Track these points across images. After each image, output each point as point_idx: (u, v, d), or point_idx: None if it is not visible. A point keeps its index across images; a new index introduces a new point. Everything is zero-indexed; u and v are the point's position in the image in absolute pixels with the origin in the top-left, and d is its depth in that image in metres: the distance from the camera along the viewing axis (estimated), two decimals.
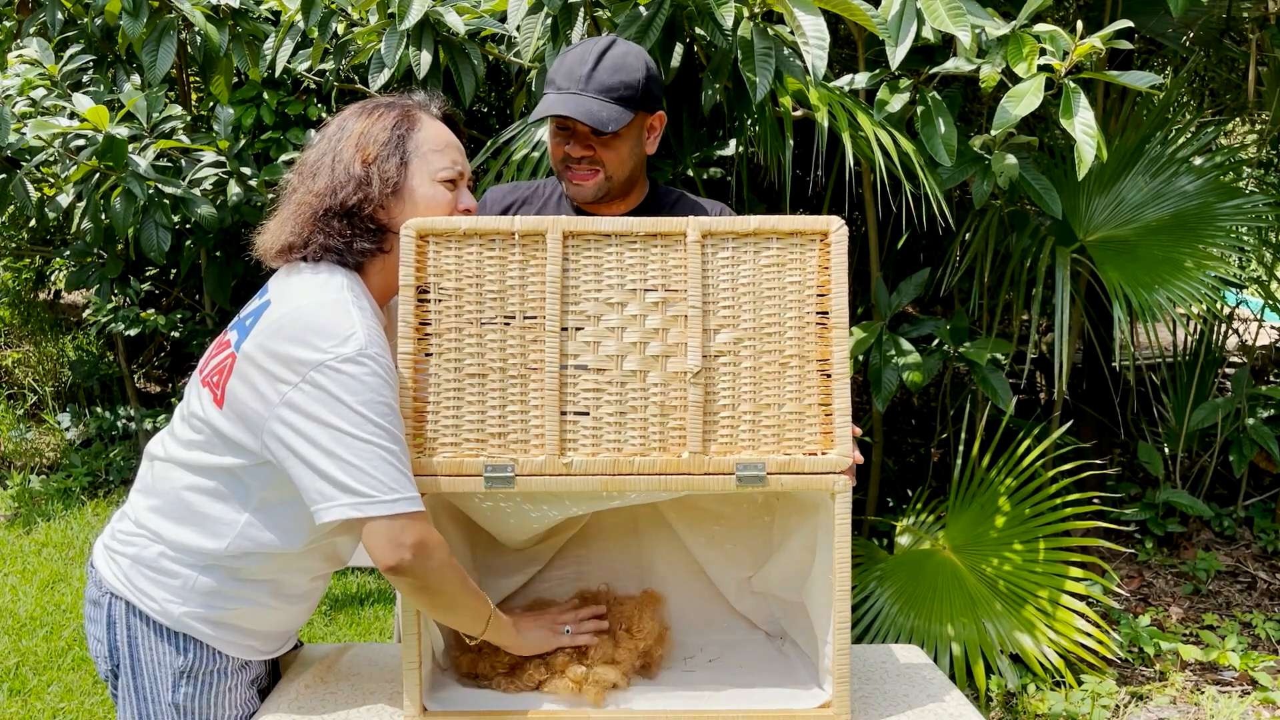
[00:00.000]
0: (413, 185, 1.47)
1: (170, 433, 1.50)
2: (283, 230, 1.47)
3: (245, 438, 1.39)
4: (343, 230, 1.44)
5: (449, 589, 1.40)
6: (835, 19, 2.69)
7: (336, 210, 1.44)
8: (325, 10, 2.82)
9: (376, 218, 1.46)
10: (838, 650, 1.44)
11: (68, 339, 5.64)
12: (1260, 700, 2.88)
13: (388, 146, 1.46)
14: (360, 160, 1.45)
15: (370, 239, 1.45)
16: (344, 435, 1.31)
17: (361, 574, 3.77)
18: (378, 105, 1.51)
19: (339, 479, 1.31)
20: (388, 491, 1.32)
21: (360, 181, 1.44)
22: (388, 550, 1.33)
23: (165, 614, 1.45)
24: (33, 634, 3.22)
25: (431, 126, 1.51)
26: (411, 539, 1.33)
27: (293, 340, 1.34)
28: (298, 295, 1.39)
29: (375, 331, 1.38)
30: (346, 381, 1.32)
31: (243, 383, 1.38)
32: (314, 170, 1.48)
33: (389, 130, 1.47)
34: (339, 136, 1.49)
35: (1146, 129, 3.24)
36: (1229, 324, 4.10)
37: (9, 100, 3.10)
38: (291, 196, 1.50)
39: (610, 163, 1.81)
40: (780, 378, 1.44)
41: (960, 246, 3.31)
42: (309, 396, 1.32)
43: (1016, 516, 2.95)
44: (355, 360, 1.32)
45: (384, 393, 1.34)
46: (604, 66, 1.77)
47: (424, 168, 1.48)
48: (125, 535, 1.49)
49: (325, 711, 1.51)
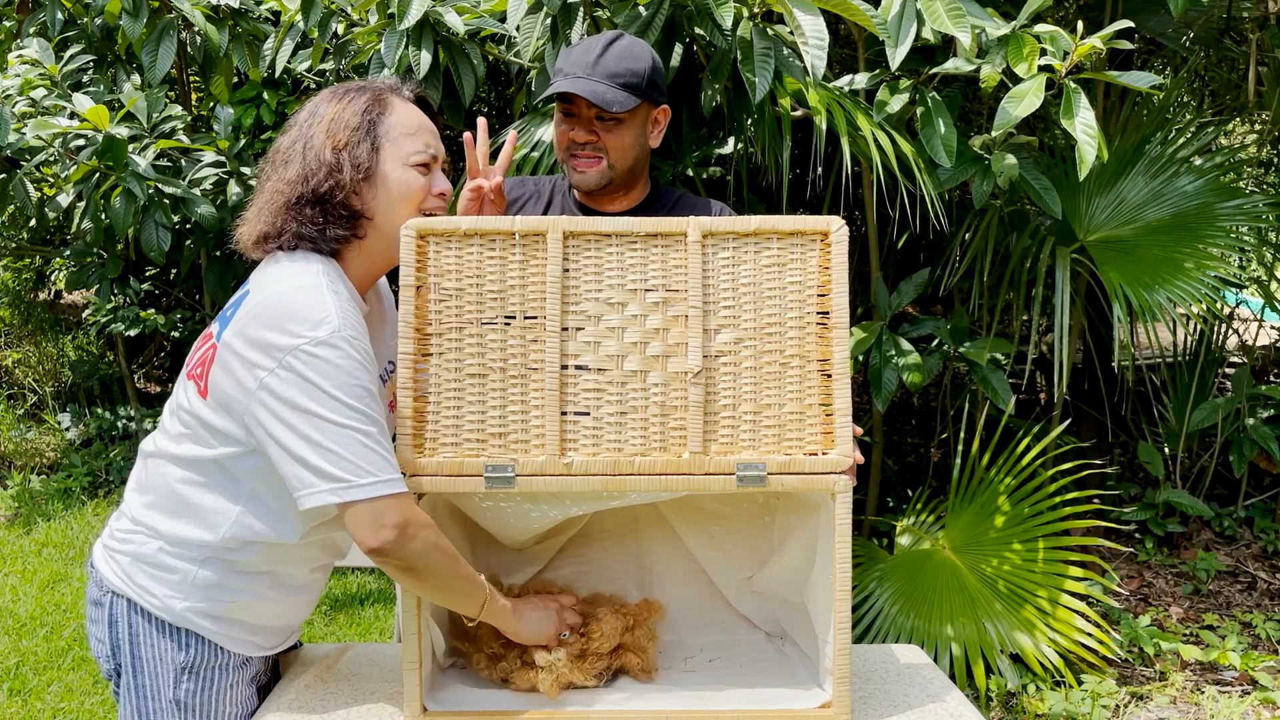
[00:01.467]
0: (385, 170, 1.45)
1: (161, 428, 1.50)
2: (258, 220, 1.46)
3: (231, 427, 1.39)
4: (315, 218, 1.42)
5: (437, 570, 1.38)
6: (835, 19, 2.69)
7: (309, 198, 1.42)
8: (325, 10, 2.82)
9: (349, 204, 1.44)
10: (838, 650, 1.43)
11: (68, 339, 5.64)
12: (1260, 700, 2.88)
13: (359, 132, 1.44)
14: (331, 147, 1.43)
15: (344, 225, 1.44)
16: (319, 420, 1.31)
17: (361, 574, 3.77)
18: (349, 90, 1.49)
19: (316, 464, 1.31)
20: (365, 475, 1.31)
21: (331, 168, 1.42)
22: (369, 532, 1.32)
23: (167, 610, 1.45)
24: (33, 634, 3.22)
25: (403, 110, 1.49)
26: (393, 520, 1.32)
27: (269, 326, 1.34)
28: (274, 282, 1.39)
29: (351, 315, 1.37)
30: (320, 365, 1.31)
31: (224, 371, 1.38)
32: (286, 158, 1.46)
33: (360, 115, 1.45)
34: (310, 122, 1.46)
35: (1147, 129, 3.24)
36: (1229, 324, 4.10)
37: (9, 100, 3.10)
38: (265, 185, 1.48)
39: (613, 149, 1.82)
40: (781, 378, 1.44)
41: (960, 246, 3.31)
42: (284, 381, 1.32)
43: (1016, 516, 2.95)
44: (328, 343, 1.32)
45: (358, 375, 1.33)
46: (611, 54, 1.79)
47: (396, 152, 1.46)
48: (123, 533, 1.49)
49: (325, 711, 1.51)
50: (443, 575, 1.39)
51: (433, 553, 1.37)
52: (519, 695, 1.52)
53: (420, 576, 1.38)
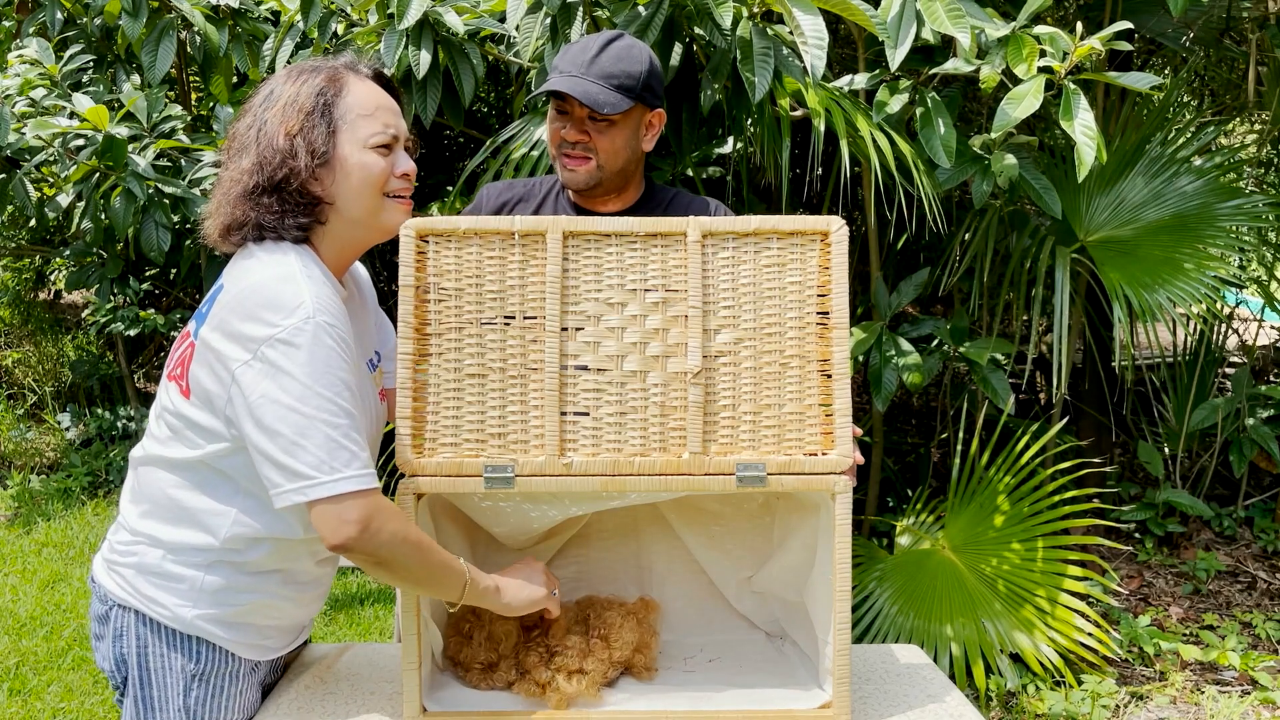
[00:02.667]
0: (343, 154, 1.39)
1: (149, 434, 1.47)
2: (219, 212, 1.42)
3: (216, 424, 1.37)
4: (272, 206, 1.38)
5: (407, 562, 1.35)
6: (835, 19, 2.69)
7: (265, 186, 1.37)
8: (325, 10, 2.82)
9: (308, 190, 1.39)
10: (838, 650, 1.43)
11: (68, 339, 5.65)
12: (1260, 700, 2.88)
13: (313, 116, 1.38)
14: (284, 132, 1.37)
15: (304, 213, 1.39)
16: (287, 411, 1.28)
17: (361, 574, 3.77)
18: (304, 70, 1.43)
19: (282, 461, 1.29)
20: (329, 471, 1.28)
21: (286, 155, 1.37)
22: (332, 528, 1.29)
23: (177, 619, 1.42)
24: (33, 634, 3.22)
25: (360, 89, 1.42)
26: (356, 515, 1.29)
27: (244, 317, 1.31)
28: (248, 274, 1.36)
29: (327, 299, 1.33)
30: (293, 353, 1.28)
31: (202, 367, 1.36)
32: (241, 145, 1.41)
33: (314, 98, 1.38)
34: (265, 106, 1.41)
35: (1146, 129, 3.24)
36: (1229, 324, 4.10)
37: (9, 100, 3.10)
38: (222, 175, 1.44)
39: (603, 150, 1.81)
40: (780, 378, 1.44)
41: (960, 246, 3.32)
42: (258, 373, 1.29)
43: (1016, 516, 2.96)
44: (302, 329, 1.29)
45: (332, 363, 1.30)
46: (607, 55, 1.78)
47: (353, 135, 1.40)
48: (124, 546, 1.46)
49: (325, 711, 1.51)
50: (413, 566, 1.36)
51: (400, 545, 1.33)
52: (518, 696, 1.52)
53: (390, 569, 1.35)
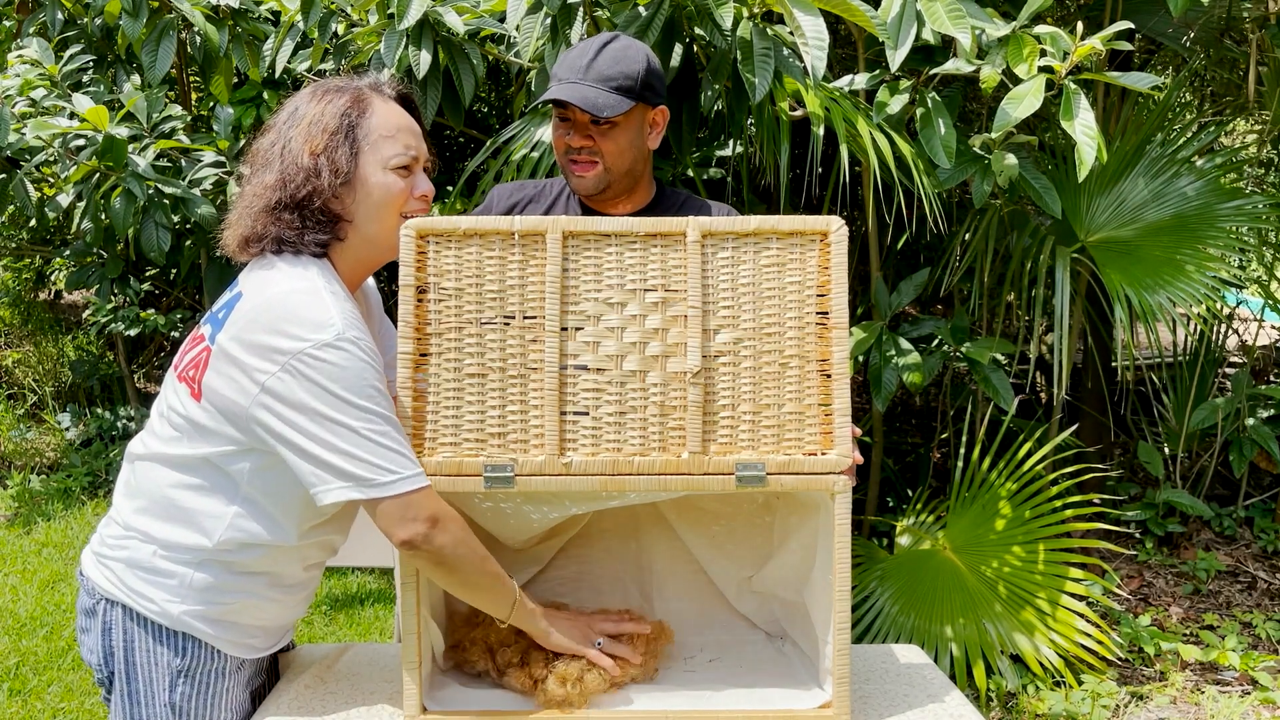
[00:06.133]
0: (365, 174, 1.43)
1: (150, 431, 1.48)
2: (240, 223, 1.45)
3: (227, 429, 1.38)
4: (293, 222, 1.41)
5: (467, 564, 1.39)
6: (835, 19, 2.69)
7: (287, 203, 1.41)
8: (325, 10, 2.82)
9: (329, 208, 1.42)
10: (838, 650, 1.43)
11: (68, 339, 5.65)
12: (1260, 700, 2.88)
13: (337, 136, 1.41)
14: (309, 151, 1.41)
15: (324, 230, 1.42)
16: (334, 424, 1.31)
17: (361, 574, 3.77)
18: (328, 89, 1.46)
19: (337, 465, 1.31)
20: (387, 474, 1.32)
21: (309, 173, 1.40)
22: (400, 526, 1.33)
23: (164, 614, 1.43)
24: (33, 634, 3.22)
25: (383, 111, 1.46)
26: (423, 513, 1.34)
27: (269, 330, 1.33)
28: (269, 285, 1.37)
29: (352, 316, 1.36)
30: (328, 369, 1.31)
31: (219, 375, 1.37)
32: (265, 160, 1.44)
33: (338, 118, 1.42)
34: (289, 124, 1.44)
35: (1147, 130, 3.24)
36: (1229, 324, 4.10)
37: (9, 100, 3.10)
38: (245, 188, 1.46)
39: (609, 153, 1.81)
40: (780, 378, 1.44)
41: (960, 246, 3.31)
42: (291, 385, 1.31)
43: (1017, 517, 2.95)
44: (335, 346, 1.31)
45: (367, 375, 1.33)
46: (604, 58, 1.78)
47: (375, 156, 1.43)
48: (115, 540, 1.47)
49: (325, 711, 1.51)
50: (471, 571, 1.40)
51: (462, 547, 1.38)
52: (519, 695, 1.51)
53: (451, 570, 1.39)
